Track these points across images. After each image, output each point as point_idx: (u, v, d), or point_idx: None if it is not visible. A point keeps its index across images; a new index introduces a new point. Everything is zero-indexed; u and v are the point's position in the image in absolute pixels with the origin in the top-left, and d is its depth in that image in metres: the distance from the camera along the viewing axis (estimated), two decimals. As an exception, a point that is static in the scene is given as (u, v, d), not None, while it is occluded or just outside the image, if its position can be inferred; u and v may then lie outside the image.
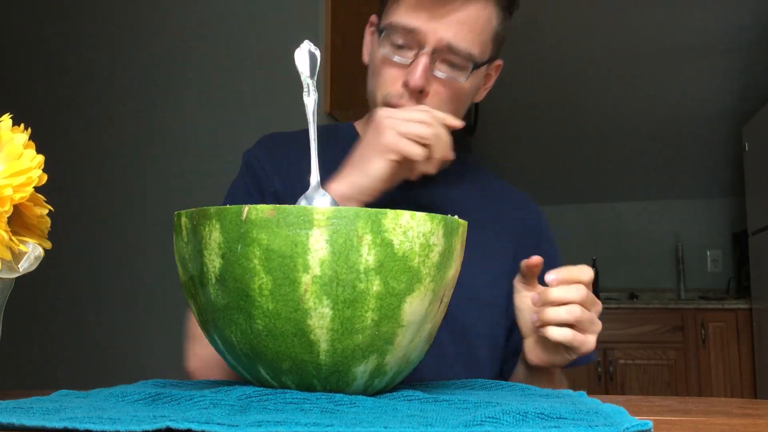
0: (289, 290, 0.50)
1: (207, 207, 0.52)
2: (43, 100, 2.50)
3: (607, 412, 0.48)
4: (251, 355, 0.53)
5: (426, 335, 0.56)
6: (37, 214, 0.60)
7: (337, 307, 0.50)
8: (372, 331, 0.51)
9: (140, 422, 0.40)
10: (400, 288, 0.51)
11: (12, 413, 0.44)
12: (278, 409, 0.47)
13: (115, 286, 2.37)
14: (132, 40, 2.47)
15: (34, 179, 0.56)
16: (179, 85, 2.42)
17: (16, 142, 0.56)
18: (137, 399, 0.51)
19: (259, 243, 0.50)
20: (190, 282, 0.55)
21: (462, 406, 0.50)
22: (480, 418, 0.43)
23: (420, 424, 0.42)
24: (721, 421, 0.50)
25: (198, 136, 2.38)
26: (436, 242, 0.52)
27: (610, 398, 0.59)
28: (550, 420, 0.43)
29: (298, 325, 0.50)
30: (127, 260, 2.37)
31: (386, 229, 0.50)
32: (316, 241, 0.49)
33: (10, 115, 0.58)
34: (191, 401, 0.49)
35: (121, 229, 2.40)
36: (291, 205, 0.51)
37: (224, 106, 2.37)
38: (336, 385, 0.53)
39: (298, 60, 0.65)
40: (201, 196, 2.32)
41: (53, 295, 2.39)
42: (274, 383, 0.54)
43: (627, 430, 0.41)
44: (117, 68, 2.47)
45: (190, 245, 0.53)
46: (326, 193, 0.67)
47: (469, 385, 0.67)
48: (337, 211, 0.50)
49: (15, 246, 0.56)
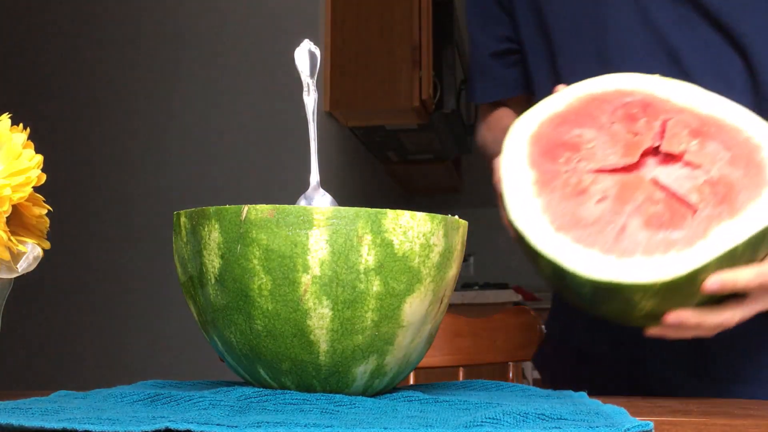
0: (289, 290, 0.50)
1: (206, 207, 0.52)
2: (43, 100, 2.50)
3: (607, 412, 0.47)
4: (251, 355, 0.53)
5: (426, 336, 0.56)
6: (36, 214, 0.59)
7: (337, 307, 0.50)
8: (372, 332, 0.51)
9: (139, 423, 0.40)
10: (400, 288, 0.51)
11: (11, 414, 0.44)
12: (278, 410, 0.47)
13: (115, 286, 2.37)
14: (132, 39, 2.47)
15: (32, 179, 0.56)
16: (179, 84, 2.42)
17: (14, 142, 0.56)
18: (136, 399, 0.51)
19: (258, 243, 0.50)
20: (189, 282, 0.55)
21: (462, 406, 0.50)
22: (480, 418, 0.43)
23: (420, 425, 0.42)
24: (722, 421, 0.50)
25: (198, 136, 2.38)
26: (436, 242, 0.52)
27: (611, 399, 0.59)
28: (551, 421, 0.43)
29: (298, 326, 0.50)
30: (126, 260, 2.37)
31: (386, 230, 0.50)
32: (315, 241, 0.49)
33: (9, 115, 0.58)
34: (190, 402, 0.49)
35: (120, 229, 2.40)
36: (291, 205, 0.51)
37: (224, 106, 2.37)
38: (336, 386, 0.53)
39: (298, 60, 0.65)
40: (201, 196, 2.32)
41: (52, 296, 2.39)
42: (274, 384, 0.54)
43: (628, 430, 0.41)
44: (117, 68, 2.47)
45: (190, 245, 0.53)
46: (326, 192, 0.66)
47: (470, 386, 0.67)
48: (337, 212, 0.50)
49: (14, 246, 0.56)
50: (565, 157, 0.70)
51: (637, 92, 0.72)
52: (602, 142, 0.70)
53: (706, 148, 0.67)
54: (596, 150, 0.69)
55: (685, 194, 0.65)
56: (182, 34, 2.44)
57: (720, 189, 0.64)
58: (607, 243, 0.63)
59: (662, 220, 0.64)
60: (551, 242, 0.64)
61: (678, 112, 0.70)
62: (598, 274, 0.61)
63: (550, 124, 0.72)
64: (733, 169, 0.65)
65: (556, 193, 0.67)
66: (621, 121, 0.71)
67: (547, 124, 0.72)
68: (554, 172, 0.68)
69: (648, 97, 0.72)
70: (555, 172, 0.68)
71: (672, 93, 0.71)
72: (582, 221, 0.65)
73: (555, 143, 0.70)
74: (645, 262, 0.61)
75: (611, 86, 0.74)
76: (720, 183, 0.65)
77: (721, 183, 0.65)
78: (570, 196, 0.67)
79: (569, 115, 0.72)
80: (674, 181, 0.67)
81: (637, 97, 0.72)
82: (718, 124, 0.68)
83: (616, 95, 0.73)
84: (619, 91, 0.73)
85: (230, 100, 2.37)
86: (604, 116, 0.72)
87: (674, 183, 0.66)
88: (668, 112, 0.70)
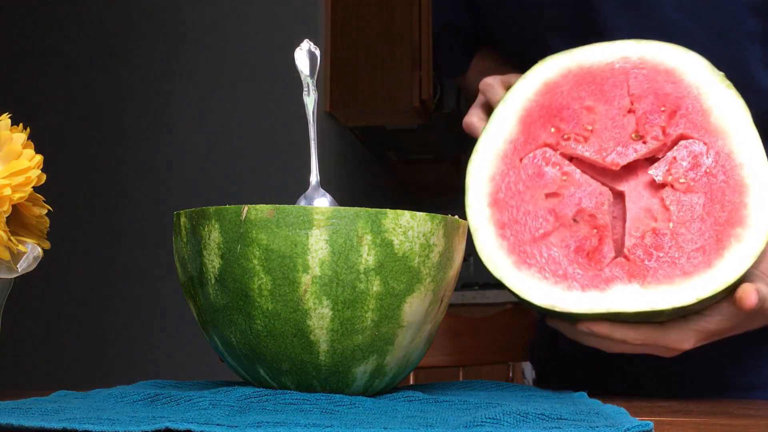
0: (289, 290, 0.50)
1: (206, 207, 0.52)
2: (43, 100, 2.50)
3: (608, 413, 0.47)
4: (250, 355, 0.53)
5: (426, 336, 0.56)
6: (36, 214, 0.59)
7: (337, 307, 0.50)
8: (372, 332, 0.51)
9: (139, 423, 0.40)
10: (400, 288, 0.51)
11: (11, 414, 0.44)
12: (278, 410, 0.47)
13: (115, 286, 2.37)
14: (131, 39, 2.47)
15: (33, 179, 0.56)
16: (179, 84, 2.42)
17: (15, 142, 0.56)
18: (136, 399, 0.51)
19: (258, 243, 0.50)
20: (189, 282, 0.55)
21: (462, 406, 0.50)
22: (480, 418, 0.43)
23: (420, 424, 0.42)
24: (722, 421, 0.50)
25: (198, 136, 2.38)
26: (436, 242, 0.52)
27: (611, 399, 0.59)
28: (551, 421, 0.43)
29: (298, 326, 0.50)
30: (126, 260, 2.37)
31: (386, 229, 0.50)
32: (315, 241, 0.49)
33: (8, 115, 0.58)
34: (190, 402, 0.49)
35: (120, 229, 2.40)
36: (291, 205, 0.51)
37: (224, 106, 2.37)
38: (336, 386, 0.53)
39: (298, 60, 0.65)
40: (200, 196, 2.32)
41: (52, 296, 2.39)
42: (274, 384, 0.54)
43: (628, 430, 0.41)
44: (116, 68, 2.47)
45: (190, 245, 0.53)
46: (326, 192, 0.66)
47: (470, 386, 0.67)
48: (337, 211, 0.50)
49: (14, 246, 0.56)
50: (557, 126, 0.67)
51: (685, 86, 0.67)
52: (603, 126, 0.67)
53: (690, 198, 0.64)
54: (591, 135, 0.67)
55: (630, 229, 0.64)
56: (182, 34, 2.44)
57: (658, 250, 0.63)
58: (521, 242, 0.65)
59: (584, 247, 0.64)
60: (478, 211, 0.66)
61: (697, 129, 0.66)
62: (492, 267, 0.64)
63: (574, 77, 0.68)
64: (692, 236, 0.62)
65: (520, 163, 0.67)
66: (640, 115, 0.67)
67: (572, 76, 0.68)
68: (535, 138, 0.67)
69: (691, 99, 0.66)
70: (536, 138, 0.67)
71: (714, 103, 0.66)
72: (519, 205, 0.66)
73: (560, 106, 0.68)
74: (536, 281, 0.63)
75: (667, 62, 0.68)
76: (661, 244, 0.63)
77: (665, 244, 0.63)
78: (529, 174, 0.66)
79: (599, 76, 0.68)
80: (636, 209, 0.65)
81: (680, 92, 0.67)
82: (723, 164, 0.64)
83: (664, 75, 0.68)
84: (671, 72, 0.68)
85: (230, 99, 2.37)
86: (628, 98, 0.67)
87: (634, 210, 0.65)
88: (694, 129, 0.65)
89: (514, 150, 0.68)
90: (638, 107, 0.67)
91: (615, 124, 0.67)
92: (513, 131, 0.68)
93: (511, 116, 0.69)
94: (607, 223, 0.65)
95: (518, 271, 0.64)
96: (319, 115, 1.86)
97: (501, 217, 0.66)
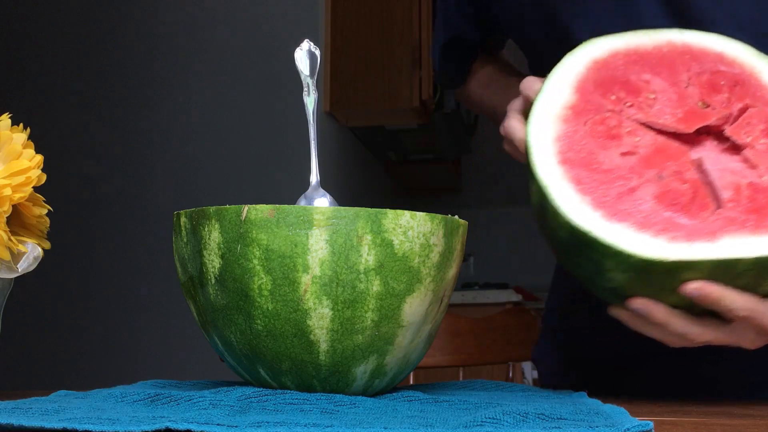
0: (289, 290, 0.50)
1: (206, 207, 0.52)
2: (43, 100, 2.50)
3: (607, 412, 0.47)
4: (251, 355, 0.53)
5: (426, 336, 0.56)
6: (36, 214, 0.59)
7: (337, 307, 0.50)
8: (372, 332, 0.51)
9: (139, 423, 0.40)
10: (400, 288, 0.51)
11: (11, 414, 0.44)
12: (278, 410, 0.47)
13: (115, 286, 2.37)
14: (132, 39, 2.47)
15: (33, 179, 0.56)
16: (179, 84, 2.42)
17: (15, 142, 0.56)
18: (136, 399, 0.51)
19: (258, 243, 0.50)
20: (189, 282, 0.55)
21: (462, 406, 0.50)
22: (480, 418, 0.43)
23: (420, 424, 0.42)
24: (722, 421, 0.50)
25: (197, 136, 2.38)
26: (436, 242, 0.52)
27: (611, 399, 0.59)
28: (551, 421, 0.43)
29: (298, 326, 0.50)
30: (126, 260, 2.37)
31: (386, 229, 0.50)
32: (315, 241, 0.49)
33: (9, 115, 0.58)
34: (191, 402, 0.49)
35: (120, 229, 2.40)
36: (291, 205, 0.51)
37: (224, 106, 2.37)
38: (336, 386, 0.53)
39: (298, 60, 0.65)
40: (201, 196, 2.32)
41: (52, 296, 2.39)
42: (274, 384, 0.54)
43: (628, 430, 0.41)
44: (117, 67, 2.47)
45: (190, 245, 0.53)
46: (326, 192, 0.66)
47: (470, 386, 0.67)
48: (337, 211, 0.50)
49: (14, 246, 0.56)
50: (617, 95, 0.64)
51: (738, 65, 0.66)
52: (667, 97, 0.64)
53: None
54: (656, 103, 0.64)
55: (720, 186, 0.60)
56: (182, 34, 2.44)
57: (761, 198, 0.59)
58: (607, 197, 0.58)
59: (678, 200, 0.59)
60: (549, 169, 0.59)
61: (760, 100, 0.64)
62: (578, 221, 0.57)
63: (624, 57, 0.66)
64: None
65: (585, 126, 0.62)
66: (700, 87, 0.65)
67: (621, 56, 0.66)
68: (597, 105, 0.63)
69: (747, 75, 0.65)
70: (597, 105, 0.63)
71: None
72: (593, 164, 0.60)
73: (616, 78, 0.65)
74: (632, 232, 0.57)
75: (714, 47, 0.67)
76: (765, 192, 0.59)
77: (765, 193, 0.59)
78: (598, 134, 0.62)
79: (650, 57, 0.66)
80: (718, 170, 0.61)
81: (735, 70, 0.65)
82: None
83: (714, 58, 0.66)
84: (720, 55, 0.66)
85: (230, 100, 2.37)
86: (686, 74, 0.65)
87: (716, 171, 0.61)
88: (757, 100, 0.64)
89: (575, 114, 0.64)
90: (697, 81, 0.65)
91: (679, 94, 0.65)
92: (570, 99, 0.63)
93: (566, 86, 0.65)
94: (697, 178, 0.61)
95: (610, 223, 0.57)
96: (319, 115, 1.86)
97: (576, 173, 0.60)
